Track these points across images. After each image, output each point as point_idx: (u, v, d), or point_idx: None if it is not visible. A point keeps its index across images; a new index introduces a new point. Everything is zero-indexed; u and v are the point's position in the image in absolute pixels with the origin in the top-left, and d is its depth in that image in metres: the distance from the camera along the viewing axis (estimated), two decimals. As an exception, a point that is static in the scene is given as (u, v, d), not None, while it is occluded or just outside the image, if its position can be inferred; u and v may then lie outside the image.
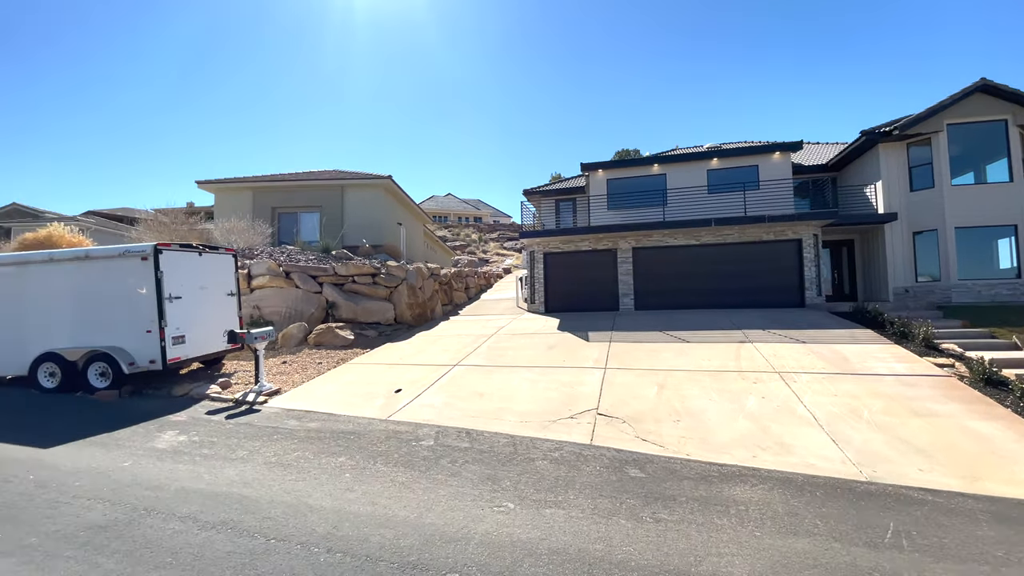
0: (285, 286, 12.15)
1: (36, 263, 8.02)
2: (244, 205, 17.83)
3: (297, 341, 10.91)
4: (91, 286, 7.85)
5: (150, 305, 7.55)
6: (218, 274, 8.95)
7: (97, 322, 7.77)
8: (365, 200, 18.05)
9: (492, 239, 49.49)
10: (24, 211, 29.41)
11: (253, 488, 4.22)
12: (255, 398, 7.29)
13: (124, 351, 7.55)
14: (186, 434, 5.77)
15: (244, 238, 14.49)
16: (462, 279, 18.23)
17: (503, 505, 3.94)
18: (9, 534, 3.36)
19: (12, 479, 4.31)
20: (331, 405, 7.02)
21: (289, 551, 3.21)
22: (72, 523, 3.55)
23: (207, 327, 8.55)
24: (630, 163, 17.35)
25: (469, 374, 8.34)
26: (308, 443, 5.43)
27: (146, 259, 7.56)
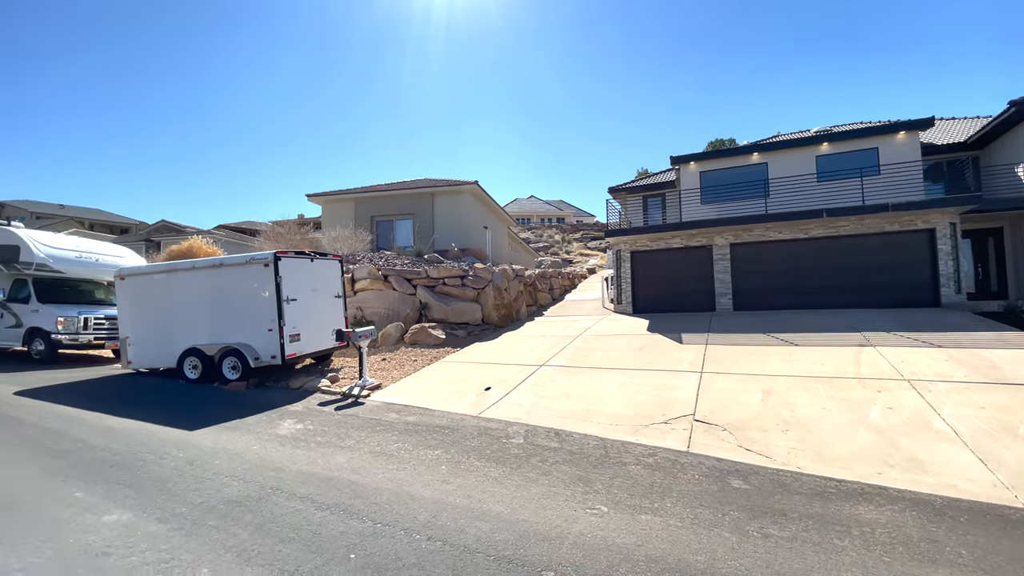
0: (384, 288, 12.99)
1: (182, 271, 9.33)
2: (347, 215, 19.37)
3: (394, 340, 11.61)
4: (224, 290, 8.97)
5: (271, 306, 8.46)
6: (327, 278, 9.80)
7: (229, 321, 8.85)
8: (453, 206, 18.77)
9: (575, 239, 49.07)
10: (170, 226, 34.31)
11: (360, 475, 4.55)
12: (359, 392, 7.86)
13: (251, 347, 8.53)
14: (302, 423, 6.38)
15: (348, 245, 15.73)
16: (546, 280, 18.28)
17: (596, 508, 3.88)
18: (165, 504, 3.92)
19: (166, 456, 5.03)
20: (426, 400, 7.37)
21: (393, 536, 3.42)
22: (213, 496, 4.07)
23: (318, 326, 9.38)
24: (726, 153, 16.28)
25: (556, 375, 8.33)
26: (407, 435, 5.74)
27: (267, 266, 8.48)
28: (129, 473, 4.53)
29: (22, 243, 10.98)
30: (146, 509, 3.79)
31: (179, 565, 3.02)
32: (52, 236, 12.49)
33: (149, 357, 9.41)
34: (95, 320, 11.06)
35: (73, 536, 3.34)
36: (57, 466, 4.65)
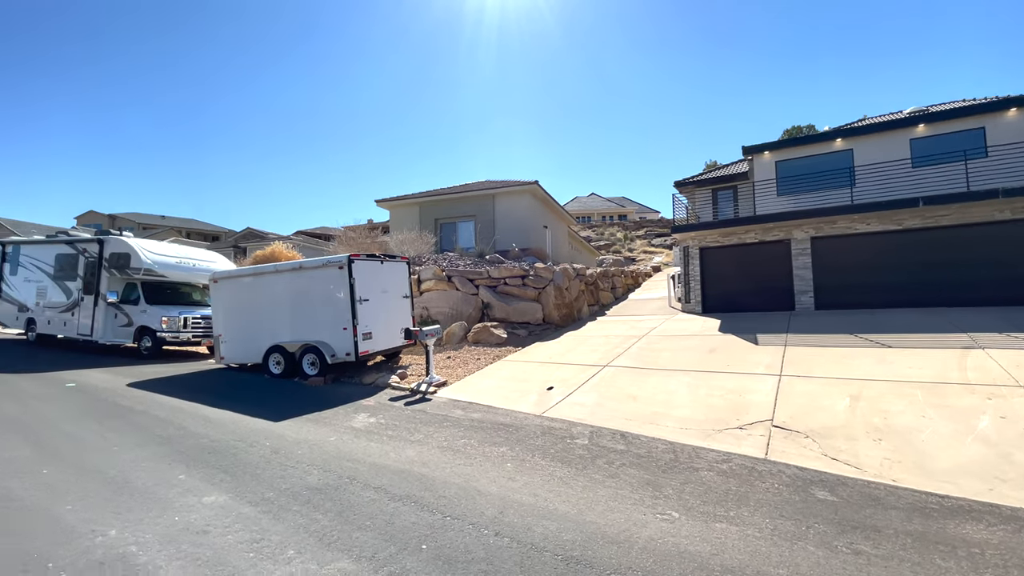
0: (447, 289, 13.33)
1: (267, 274, 10.07)
2: (412, 218, 20.08)
3: (458, 338, 11.87)
4: (303, 291, 9.59)
5: (346, 306, 8.93)
6: (396, 279, 10.21)
7: (308, 320, 9.44)
8: (513, 206, 18.91)
9: (638, 236, 47.81)
10: (255, 233, 37.17)
11: (430, 468, 4.70)
12: (426, 388, 8.11)
13: (328, 345, 9.06)
14: (375, 417, 6.68)
15: (414, 247, 16.30)
16: (608, 279, 17.95)
17: (667, 513, 3.75)
18: (255, 488, 4.25)
19: (255, 445, 5.45)
20: (490, 398, 7.47)
21: (462, 529, 3.49)
22: (296, 483, 4.35)
23: (388, 325, 9.79)
24: (804, 141, 15.19)
25: (620, 375, 8.15)
26: (472, 432, 5.85)
27: (342, 268, 8.97)
28: (224, 459, 4.95)
29: (132, 251, 12.34)
30: (239, 492, 4.13)
31: (268, 545, 3.26)
32: (156, 244, 13.94)
33: (239, 353, 10.25)
34: (193, 319, 12.21)
35: (178, 515, 3.70)
36: (163, 451, 5.17)
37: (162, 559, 3.06)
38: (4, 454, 4.89)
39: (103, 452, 5.07)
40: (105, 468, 4.61)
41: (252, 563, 3.04)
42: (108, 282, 12.39)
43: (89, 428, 5.89)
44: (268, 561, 3.07)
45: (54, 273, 13.44)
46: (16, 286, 14.17)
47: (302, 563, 3.06)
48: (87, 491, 4.08)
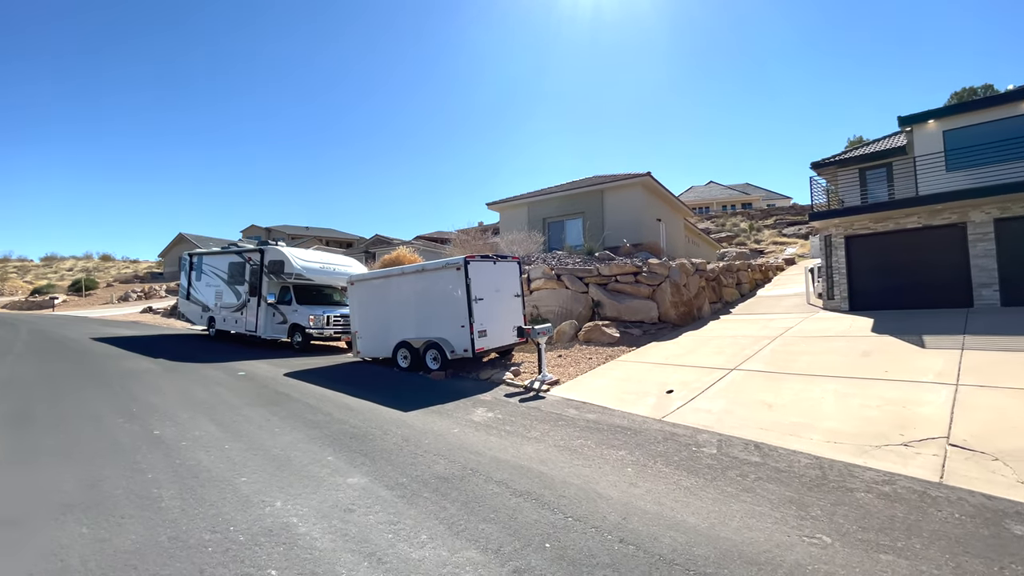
0: (557, 287, 13.34)
1: (395, 276, 10.95)
2: (521, 219, 20.46)
3: (569, 337, 11.82)
4: (425, 291, 10.25)
5: (462, 305, 9.37)
6: (507, 279, 10.47)
7: (430, 318, 10.08)
8: (623, 200, 18.34)
9: (766, 226, 43.60)
10: (382, 239, 40.65)
11: (548, 467, 4.71)
12: (539, 386, 8.19)
13: (448, 341, 9.58)
14: (492, 412, 6.90)
15: (523, 247, 16.60)
16: (732, 274, 16.60)
17: (816, 537, 3.33)
18: (390, 473, 4.61)
19: (388, 433, 5.93)
20: (604, 399, 7.30)
21: (585, 532, 3.43)
22: (426, 472, 4.64)
23: (501, 323, 10.07)
24: (980, 104, 12.60)
25: (751, 380, 7.46)
26: (588, 433, 5.76)
27: (459, 269, 9.42)
28: (363, 444, 5.46)
29: (285, 258, 14.22)
30: (377, 476, 4.51)
31: (404, 528, 3.51)
32: (304, 252, 15.91)
33: (372, 348, 11.28)
34: (334, 318, 13.72)
35: (328, 493, 4.15)
36: (314, 434, 5.85)
37: (317, 532, 3.45)
38: (196, 431, 5.90)
39: (268, 432, 5.89)
40: (270, 447, 5.34)
41: (391, 543, 3.29)
42: (267, 285, 14.42)
43: (257, 411, 6.88)
44: (404, 543, 3.30)
45: (227, 278, 16.00)
46: (200, 290, 17.12)
47: (434, 548, 3.24)
48: (257, 466, 4.76)
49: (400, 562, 3.08)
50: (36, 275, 52.08)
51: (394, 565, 3.04)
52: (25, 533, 3.40)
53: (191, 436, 5.67)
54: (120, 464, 4.74)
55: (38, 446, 5.19)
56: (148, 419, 6.35)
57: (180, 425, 6.12)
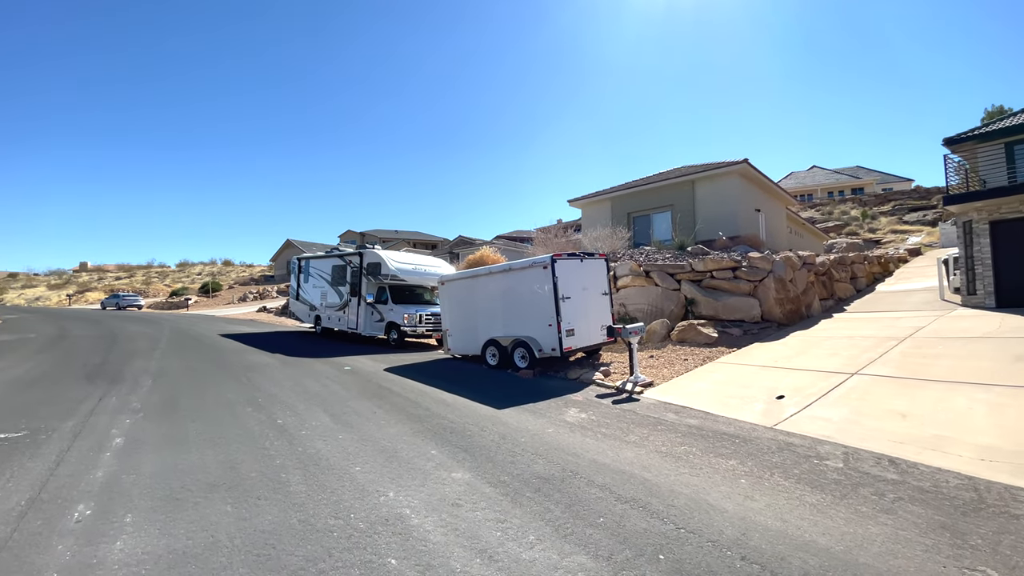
0: (645, 285, 12.86)
1: (482, 276, 11.18)
2: (604, 214, 20.01)
3: (660, 337, 11.34)
4: (512, 290, 10.35)
5: (550, 304, 9.33)
6: (594, 277, 10.27)
7: (517, 317, 10.16)
8: (716, 191, 17.25)
9: (883, 212, 39.00)
10: (465, 240, 41.82)
11: (651, 473, 4.52)
12: (632, 388, 7.93)
13: (535, 340, 9.60)
14: (585, 412, 6.78)
15: (607, 244, 16.21)
16: (845, 267, 15.00)
17: (979, 570, 2.88)
18: (491, 471, 4.67)
19: (485, 430, 6.04)
20: (705, 403, 6.90)
21: (701, 546, 3.23)
22: (525, 471, 4.65)
23: (588, 322, 9.91)
24: None
25: (877, 386, 6.67)
26: (691, 439, 5.46)
27: (546, 268, 9.40)
28: (462, 439, 5.61)
29: (382, 260, 15.09)
30: (479, 472, 4.60)
31: (511, 527, 3.53)
32: (398, 254, 16.78)
33: (461, 346, 11.62)
34: (426, 316, 14.34)
35: (435, 486, 4.29)
36: (416, 428, 6.11)
37: (429, 524, 3.57)
38: (312, 422, 6.41)
39: (375, 424, 6.25)
40: (378, 438, 5.65)
41: (500, 542, 3.33)
42: (366, 286, 15.39)
43: (364, 404, 7.34)
44: (513, 543, 3.32)
45: (331, 280, 17.31)
46: (307, 291, 18.69)
47: (543, 550, 3.22)
48: (368, 456, 5.05)
49: (511, 561, 3.09)
50: (173, 279, 60.05)
51: (506, 564, 3.06)
52: (181, 508, 3.87)
53: (309, 426, 6.17)
54: (252, 449, 5.26)
55: (186, 431, 5.92)
56: (272, 408, 7.01)
57: (299, 415, 6.69)
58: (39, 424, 6.00)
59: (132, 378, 9.02)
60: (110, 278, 62.37)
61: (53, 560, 3.07)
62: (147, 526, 3.54)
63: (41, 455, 4.96)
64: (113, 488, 4.20)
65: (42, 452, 5.04)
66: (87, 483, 4.30)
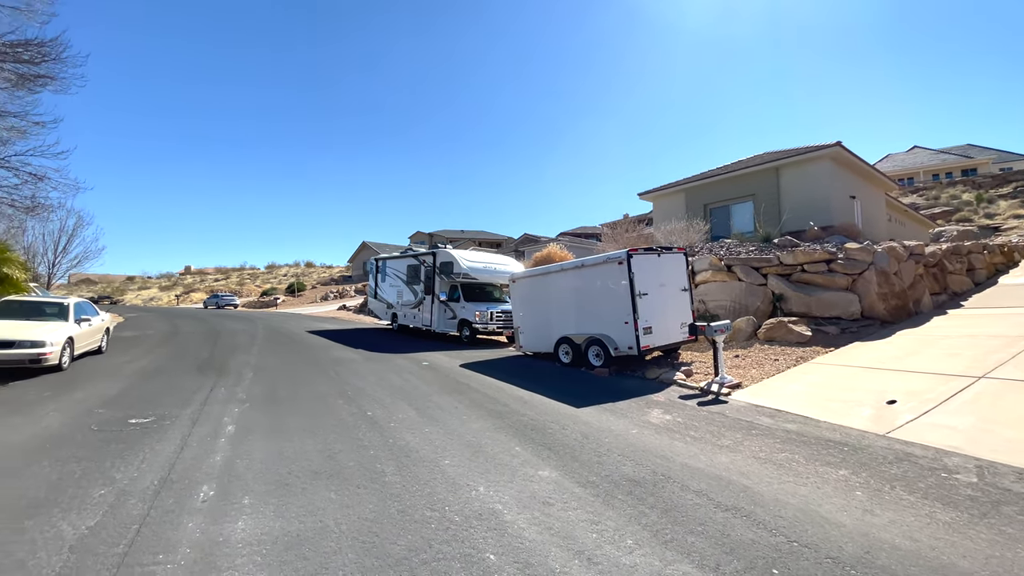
0: (727, 279, 12.19)
1: (553, 272, 11.12)
2: (677, 207, 19.22)
3: (746, 336, 10.70)
4: (585, 287, 10.19)
5: (626, 301, 9.08)
6: (673, 272, 9.87)
7: (590, 315, 9.99)
8: (805, 177, 15.99)
9: (1002, 196, 34.43)
10: (530, 238, 41.93)
11: (751, 480, 4.25)
12: (718, 389, 7.52)
13: (610, 338, 9.39)
14: (669, 414, 6.53)
15: (683, 237, 15.55)
16: (960, 257, 13.38)
17: None
18: (578, 470, 4.60)
19: (566, 428, 5.97)
20: (802, 407, 6.41)
21: (819, 562, 2.98)
22: (614, 472, 4.53)
23: (666, 320, 9.54)
24: None
25: (1011, 392, 5.87)
26: (793, 445, 5.08)
27: (621, 263, 9.15)
28: (545, 437, 5.58)
29: (454, 259, 15.45)
30: (566, 471, 4.55)
31: (607, 530, 3.44)
32: (469, 253, 17.11)
33: (533, 343, 11.62)
34: (496, 314, 14.51)
35: (523, 483, 4.30)
36: (498, 424, 6.17)
37: (522, 522, 3.57)
38: (399, 414, 6.67)
39: (458, 419, 6.39)
40: (463, 433, 5.77)
41: (597, 544, 3.26)
42: (439, 284, 15.84)
43: (445, 399, 7.54)
44: (610, 546, 3.24)
45: (406, 279, 17.98)
46: (384, 290, 19.54)
47: (643, 556, 3.11)
48: (456, 451, 5.16)
49: (612, 565, 3.01)
50: (262, 280, 65.24)
51: (606, 568, 2.99)
52: (291, 493, 4.14)
53: (396, 418, 6.42)
54: (347, 439, 5.55)
55: (286, 422, 6.36)
56: (361, 401, 7.38)
57: (386, 408, 6.98)
58: (163, 411, 6.69)
59: (236, 371, 9.86)
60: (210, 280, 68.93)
61: (185, 536, 3.39)
62: (263, 508, 3.82)
63: (168, 439, 5.53)
64: (230, 471, 4.59)
65: (168, 436, 5.62)
66: (208, 466, 4.73)
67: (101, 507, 3.76)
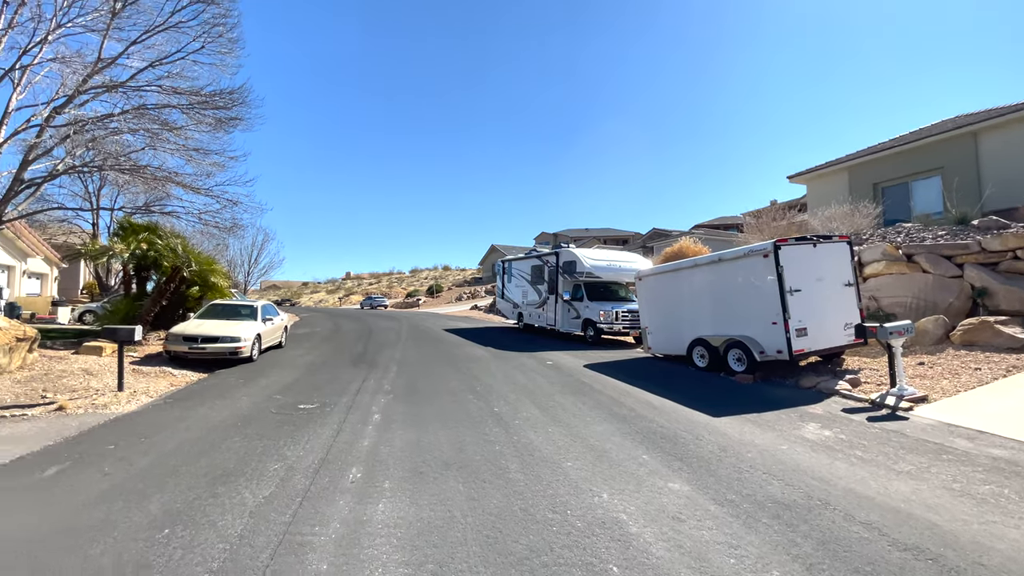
0: (907, 271, 10.20)
1: (685, 269, 10.37)
2: (838, 188, 16.67)
3: (934, 339, 8.84)
4: (723, 284, 9.32)
5: (773, 299, 8.09)
6: (833, 264, 8.56)
7: (730, 314, 9.10)
8: (1015, 143, 12.69)
9: None
10: (660, 232, 39.92)
11: (941, 516, 3.45)
12: (895, 403, 6.31)
13: (755, 340, 8.44)
14: (829, 429, 5.64)
15: (846, 223, 13.42)
16: None
17: None
18: (714, 486, 4.18)
19: (700, 438, 5.49)
20: (1016, 430, 5.07)
21: (1052, 638, 2.28)
22: (758, 492, 4.02)
23: (826, 320, 8.30)
24: None
25: None
26: (1001, 476, 4.03)
27: (767, 256, 8.18)
28: (675, 447, 5.20)
29: (576, 258, 15.33)
30: (699, 486, 4.17)
31: (748, 556, 3.05)
32: (592, 251, 16.86)
33: (663, 345, 10.98)
34: (622, 313, 14.05)
35: (650, 494, 4.03)
36: (623, 429, 5.91)
37: (649, 536, 3.34)
38: (524, 412, 6.76)
39: (580, 421, 6.27)
40: (585, 435, 5.64)
41: (736, 571, 2.90)
42: (563, 284, 15.84)
43: (568, 399, 7.48)
44: (752, 575, 2.86)
45: (530, 279, 18.33)
46: (510, 290, 20.16)
47: (794, 594, 2.69)
48: (579, 453, 5.06)
49: (753, 599, 2.65)
50: (407, 283, 71.91)
51: (746, 600, 2.64)
52: (424, 482, 4.42)
53: (521, 416, 6.53)
54: (474, 433, 5.79)
55: (423, 413, 6.85)
56: (488, 397, 7.67)
57: (511, 405, 7.15)
58: (325, 399, 7.68)
59: (383, 365, 10.96)
60: (365, 283, 78.08)
61: (336, 513, 3.79)
62: (400, 494, 4.13)
63: (328, 424, 6.31)
64: (375, 457, 5.06)
65: (328, 422, 6.41)
66: (357, 450, 5.28)
67: (275, 480, 4.41)
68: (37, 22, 10.58)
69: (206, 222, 13.36)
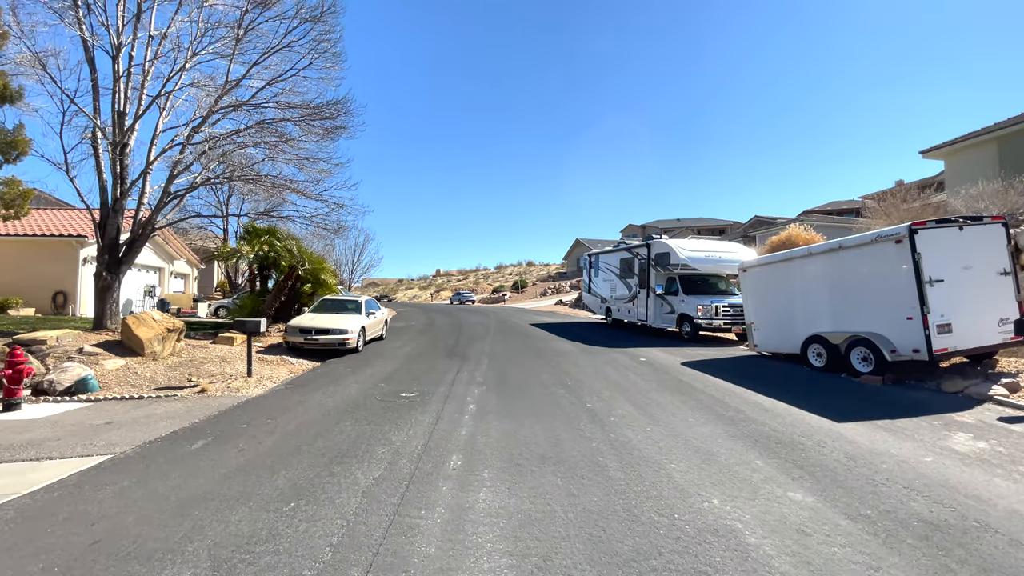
0: (1087, 257, 8.44)
1: (798, 258, 9.44)
2: (985, 161, 14.28)
3: None
4: (844, 274, 8.36)
5: (908, 290, 7.11)
6: (984, 250, 7.34)
7: (853, 308, 8.15)
8: None
9: None
10: (762, 220, 37.00)
11: None
12: (1077, 414, 5.25)
13: (884, 338, 7.48)
14: (984, 441, 4.83)
15: (999, 202, 11.43)
16: None
17: None
18: (844, 499, 3.73)
19: (823, 445, 4.95)
20: None
21: None
22: (899, 508, 3.53)
23: (975, 314, 7.15)
24: None
25: None
26: None
27: (900, 242, 7.20)
28: (793, 453, 4.74)
29: (671, 250, 14.61)
30: (826, 498, 3.75)
31: (892, 582, 2.68)
32: (687, 242, 15.99)
33: (772, 342, 10.12)
34: (723, 307, 13.17)
35: (768, 504, 3.70)
36: (730, 431, 5.51)
37: (769, 548, 3.06)
38: (618, 409, 6.57)
39: (681, 421, 5.95)
40: (688, 437, 5.34)
41: (879, 598, 2.56)
42: (655, 277, 15.21)
43: (665, 397, 7.14)
44: (901, 605, 2.50)
45: (619, 273, 17.82)
46: (598, 284, 19.75)
47: (958, 631, 2.31)
48: (682, 455, 4.79)
49: (905, 632, 2.32)
50: (492, 279, 73.51)
51: (896, 633, 2.31)
52: (521, 473, 4.44)
53: (616, 413, 6.35)
54: (569, 428, 5.72)
55: (515, 405, 6.92)
56: (579, 392, 7.56)
57: (604, 401, 6.98)
58: (424, 388, 8.04)
59: (475, 357, 11.27)
60: (454, 280, 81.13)
61: (440, 499, 3.92)
62: (499, 484, 4.19)
63: (428, 412, 6.59)
64: (473, 445, 5.19)
65: (428, 410, 6.70)
66: (456, 438, 5.45)
67: (383, 463, 4.68)
68: (176, 52, 12.19)
69: (316, 224, 14.59)
